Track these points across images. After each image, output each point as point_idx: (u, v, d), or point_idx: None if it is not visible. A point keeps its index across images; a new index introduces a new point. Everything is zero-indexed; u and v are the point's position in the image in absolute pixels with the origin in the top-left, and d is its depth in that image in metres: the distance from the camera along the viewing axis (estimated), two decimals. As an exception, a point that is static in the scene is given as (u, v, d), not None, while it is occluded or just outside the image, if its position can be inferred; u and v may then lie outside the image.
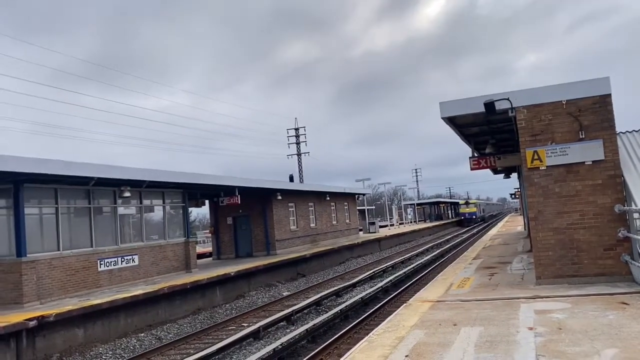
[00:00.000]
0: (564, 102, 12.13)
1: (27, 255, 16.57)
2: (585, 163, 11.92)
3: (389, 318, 10.50)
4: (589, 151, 11.88)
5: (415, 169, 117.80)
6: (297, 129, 56.33)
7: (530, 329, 8.26)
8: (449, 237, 55.86)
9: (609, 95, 11.87)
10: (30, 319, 13.63)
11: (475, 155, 18.63)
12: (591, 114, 11.93)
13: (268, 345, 13.30)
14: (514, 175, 33.62)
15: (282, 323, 16.46)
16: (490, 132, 17.31)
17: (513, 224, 49.47)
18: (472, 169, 17.83)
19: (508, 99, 12.43)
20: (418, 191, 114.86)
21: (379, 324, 10.33)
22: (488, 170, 24.69)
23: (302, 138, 56.33)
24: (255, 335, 14.74)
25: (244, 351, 13.72)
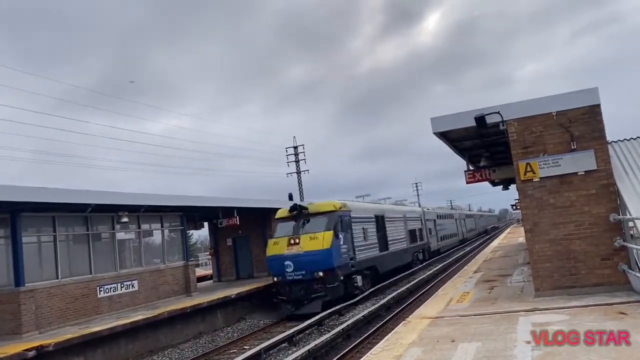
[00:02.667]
0: (554, 114, 12.20)
1: (26, 284, 16.52)
2: (578, 173, 11.95)
3: (387, 336, 10.44)
4: (581, 161, 11.92)
5: (416, 183, 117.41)
6: (295, 147, 56.54)
7: (528, 342, 8.21)
8: (450, 251, 55.66)
9: (598, 106, 11.95)
10: (29, 349, 13.55)
11: (470, 168, 18.69)
12: (581, 124, 12.00)
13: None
14: (513, 187, 33.62)
15: (284, 344, 16.35)
16: (484, 146, 17.37)
17: (514, 235, 49.31)
18: (467, 182, 17.87)
19: (499, 113, 12.52)
20: (419, 205, 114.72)
21: (378, 342, 10.27)
22: (487, 183, 24.71)
23: (301, 156, 56.52)
24: (257, 359, 14.64)
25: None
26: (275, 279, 22.23)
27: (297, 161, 56.33)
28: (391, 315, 19.45)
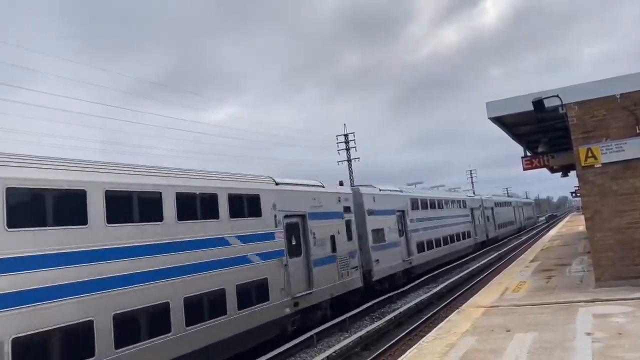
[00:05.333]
0: (618, 96, 11.62)
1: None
2: (644, 159, 11.37)
3: (440, 325, 10.35)
4: (648, 146, 11.32)
5: (470, 170, 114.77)
6: (346, 135, 56.38)
7: (588, 334, 7.95)
8: (506, 240, 54.28)
9: (667, 86, 11.29)
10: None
11: (528, 154, 18.09)
12: (648, 107, 11.37)
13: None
14: (573, 173, 32.33)
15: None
16: (542, 131, 16.74)
17: (574, 224, 47.51)
18: (524, 169, 17.30)
19: (558, 96, 12.03)
20: (473, 193, 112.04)
21: (430, 331, 10.20)
22: (545, 170, 23.86)
23: (352, 144, 56.35)
24: (310, 342, 14.82)
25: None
26: None
27: (347, 149, 56.17)
28: (444, 304, 19.23)
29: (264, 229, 14.56)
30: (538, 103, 12.00)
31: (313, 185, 17.99)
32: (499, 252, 38.39)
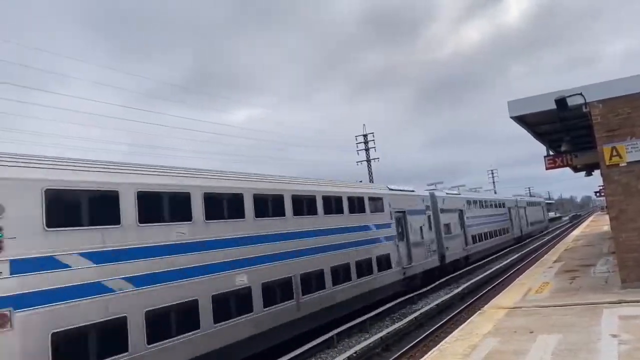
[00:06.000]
0: (644, 94, 11.40)
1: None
2: (671, 157, 11.13)
3: (461, 326, 10.27)
4: (675, 144, 11.08)
5: (491, 170, 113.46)
6: (365, 135, 56.27)
7: (614, 336, 7.81)
8: (528, 240, 53.59)
9: (695, 83, 11.04)
10: None
11: (550, 153, 17.83)
12: (675, 104, 11.14)
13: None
14: (597, 173, 31.73)
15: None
16: (565, 129, 16.51)
17: (598, 224, 46.69)
18: (547, 168, 17.05)
19: (581, 94, 11.85)
20: (495, 193, 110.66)
21: (452, 332, 10.13)
22: (568, 169, 23.48)
23: (371, 144, 56.20)
24: (330, 343, 14.83)
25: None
26: None
27: (366, 149, 56.05)
28: (465, 305, 19.06)
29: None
30: (561, 101, 11.83)
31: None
32: (521, 252, 37.90)
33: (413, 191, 25.38)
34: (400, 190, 23.79)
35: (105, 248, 9.50)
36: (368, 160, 55.62)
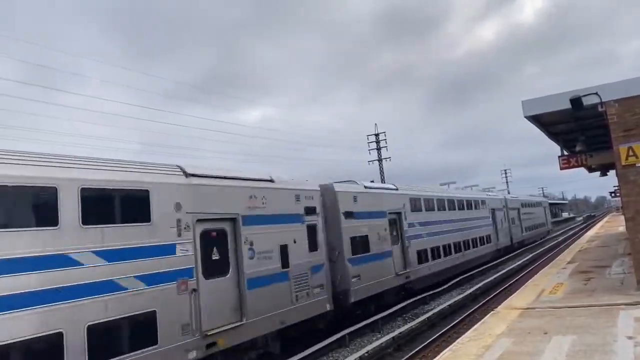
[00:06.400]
0: (661, 93, 11.26)
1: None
2: (689, 157, 10.98)
3: (474, 326, 10.22)
4: (693, 144, 10.94)
5: (505, 170, 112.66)
6: (377, 135, 56.19)
7: (630, 337, 7.74)
8: (541, 240, 53.16)
9: None
10: None
11: (565, 153, 17.67)
12: (693, 103, 10.99)
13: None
14: (612, 173, 31.37)
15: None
16: (580, 129, 16.36)
17: (613, 225, 46.20)
18: (561, 168, 16.91)
19: (596, 94, 11.73)
20: (508, 193, 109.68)
21: (465, 332, 10.09)
22: (583, 169, 23.24)
23: (383, 144, 56.10)
24: (342, 342, 14.83)
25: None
26: None
27: (378, 149, 55.98)
28: (478, 306, 18.96)
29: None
30: (576, 101, 11.72)
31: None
32: (533, 253, 37.61)
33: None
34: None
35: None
36: (380, 160, 55.56)
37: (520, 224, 44.29)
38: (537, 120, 14.38)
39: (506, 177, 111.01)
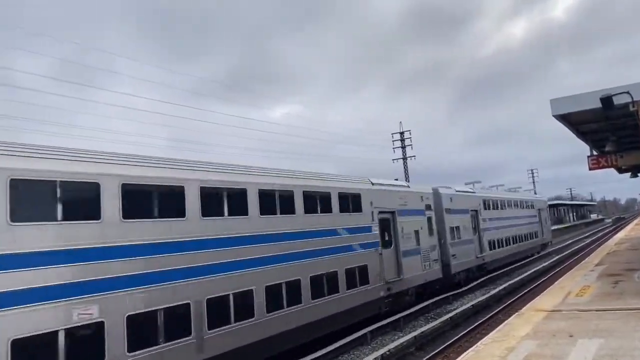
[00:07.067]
0: (696, 92, 10.92)
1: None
2: None
3: (498, 327, 10.10)
4: None
5: (532, 169, 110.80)
6: (402, 133, 55.82)
7: (659, 343, 7.53)
8: (569, 241, 52.22)
9: None
10: None
11: (594, 153, 17.31)
12: None
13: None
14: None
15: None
16: (610, 129, 15.98)
17: (644, 227, 45.07)
18: (590, 168, 16.58)
19: (628, 92, 11.43)
20: (535, 193, 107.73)
21: (488, 333, 9.97)
22: (613, 170, 22.72)
23: (407, 142, 55.72)
24: (363, 340, 14.81)
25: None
26: None
27: (403, 147, 55.61)
28: (502, 307, 18.73)
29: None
30: (606, 100, 11.45)
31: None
32: (560, 255, 36.95)
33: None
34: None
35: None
36: (404, 158, 55.19)
37: (483, 239, 28.19)
38: (566, 119, 14.10)
39: (532, 177, 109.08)
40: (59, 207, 8.44)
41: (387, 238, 17.98)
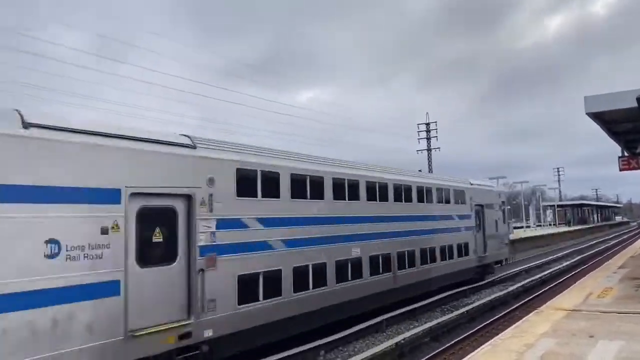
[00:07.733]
0: None
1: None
2: None
3: (516, 324, 10.05)
4: None
5: (557, 168, 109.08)
6: (427, 124, 55.33)
7: (682, 349, 7.42)
8: (593, 242, 51.43)
9: None
10: None
11: (625, 154, 16.95)
12: None
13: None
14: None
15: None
16: (645, 130, 15.63)
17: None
18: (621, 169, 16.26)
19: (666, 93, 11.14)
20: (560, 192, 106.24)
21: (505, 329, 9.93)
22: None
23: (433, 133, 55.25)
24: (379, 327, 14.88)
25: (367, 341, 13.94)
26: None
27: (428, 138, 55.16)
28: (520, 303, 18.58)
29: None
30: (643, 99, 11.18)
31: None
32: (582, 255, 36.43)
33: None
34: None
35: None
36: (429, 150, 54.76)
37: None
38: (599, 117, 13.82)
39: (558, 175, 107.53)
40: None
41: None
